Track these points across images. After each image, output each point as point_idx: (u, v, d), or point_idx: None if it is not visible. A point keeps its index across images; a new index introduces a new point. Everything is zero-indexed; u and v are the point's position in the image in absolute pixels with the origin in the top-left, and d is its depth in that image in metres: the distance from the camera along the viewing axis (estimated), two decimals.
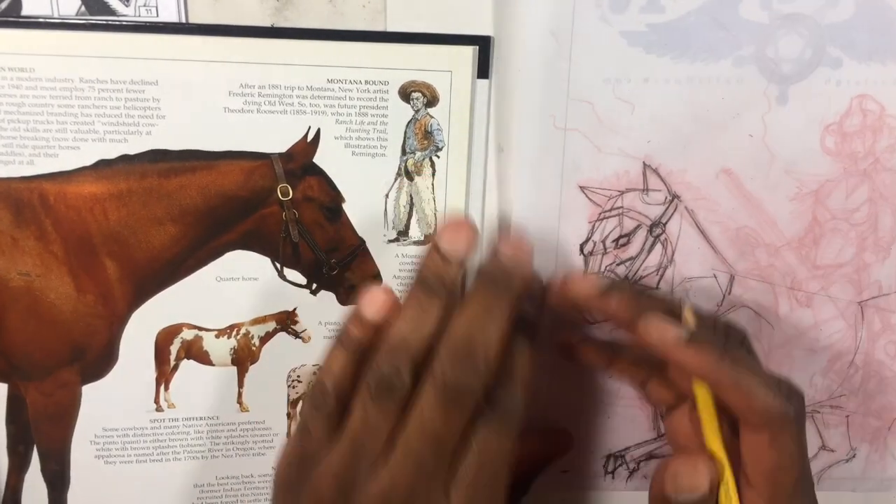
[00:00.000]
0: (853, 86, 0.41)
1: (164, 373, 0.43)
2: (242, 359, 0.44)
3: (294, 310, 0.43)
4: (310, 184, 0.41)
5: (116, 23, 0.38)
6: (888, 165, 0.42)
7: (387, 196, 0.42)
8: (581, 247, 0.43)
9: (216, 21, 0.38)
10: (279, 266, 0.43)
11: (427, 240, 0.43)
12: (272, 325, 0.43)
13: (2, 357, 0.41)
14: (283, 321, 0.43)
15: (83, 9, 0.37)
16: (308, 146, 0.41)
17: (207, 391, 0.44)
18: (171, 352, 0.43)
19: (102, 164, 0.39)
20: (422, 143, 0.41)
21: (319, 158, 0.41)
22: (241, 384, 0.44)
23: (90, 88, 0.38)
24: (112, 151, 0.39)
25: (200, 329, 0.43)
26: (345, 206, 0.42)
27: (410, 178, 0.42)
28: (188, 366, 0.43)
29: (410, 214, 0.43)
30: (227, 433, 0.45)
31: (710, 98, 0.40)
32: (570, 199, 0.42)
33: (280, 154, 0.41)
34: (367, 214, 0.42)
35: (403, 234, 0.43)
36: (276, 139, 0.40)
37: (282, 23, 0.39)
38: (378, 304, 0.33)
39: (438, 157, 0.42)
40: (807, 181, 0.42)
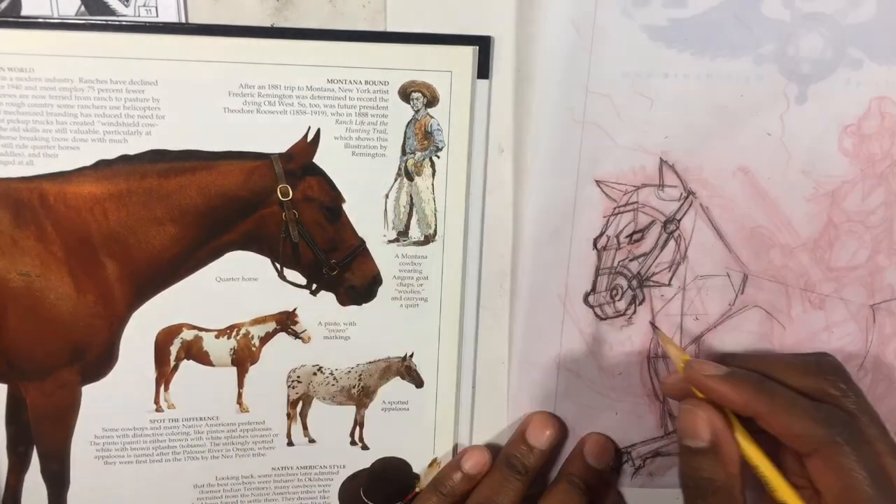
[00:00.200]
0: (873, 87, 0.40)
1: (164, 373, 0.43)
2: (242, 359, 0.44)
3: (294, 310, 0.43)
4: (310, 184, 0.41)
5: (116, 23, 0.38)
6: None
7: (387, 196, 0.42)
8: (595, 241, 0.43)
9: (216, 21, 0.38)
10: (279, 266, 0.43)
11: (427, 240, 0.43)
12: (272, 326, 0.43)
13: (2, 357, 0.41)
14: (283, 321, 0.43)
15: (83, 9, 0.37)
16: (308, 146, 0.41)
17: (207, 391, 0.44)
18: (171, 352, 0.43)
19: (102, 165, 0.39)
20: (422, 144, 0.41)
21: (319, 158, 0.41)
22: (241, 384, 0.44)
23: (90, 88, 0.38)
24: (112, 151, 0.39)
25: (200, 329, 0.43)
26: (345, 207, 0.42)
27: (410, 179, 0.42)
28: (188, 366, 0.43)
29: (410, 214, 0.42)
30: (227, 433, 0.45)
31: (730, 95, 0.40)
32: (586, 193, 0.42)
33: (280, 154, 0.41)
34: (367, 214, 0.42)
35: (403, 235, 0.43)
36: (276, 139, 0.40)
37: (282, 23, 0.39)
38: (474, 461, 0.44)
39: (438, 158, 0.42)
40: (823, 182, 0.42)
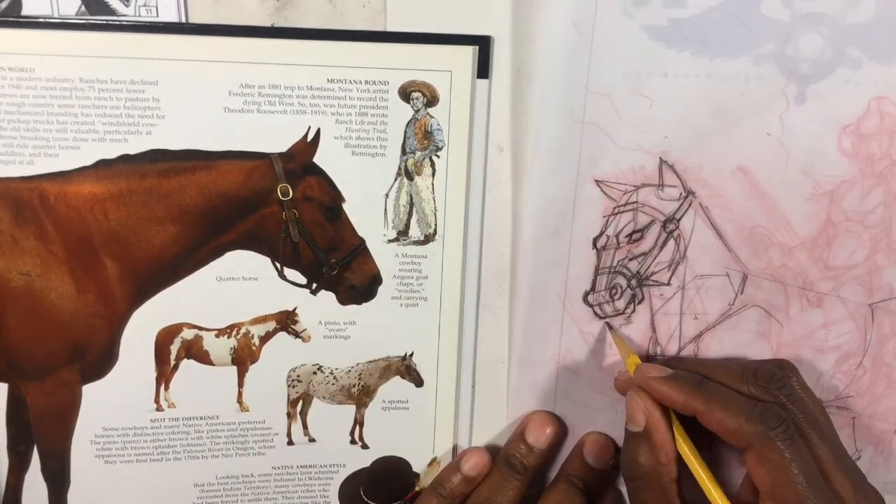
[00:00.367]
0: (872, 87, 0.40)
1: (165, 372, 0.43)
2: (242, 358, 0.44)
3: (294, 309, 0.43)
4: (310, 183, 0.41)
5: (116, 23, 0.38)
6: None
7: (387, 196, 0.42)
8: (594, 240, 0.43)
9: (216, 21, 0.38)
10: (279, 266, 0.43)
11: (427, 239, 0.43)
12: (272, 325, 0.43)
13: (2, 357, 0.41)
14: (283, 321, 0.43)
15: (83, 9, 0.38)
16: (308, 146, 0.41)
17: (207, 391, 0.44)
18: (171, 351, 0.43)
19: (102, 164, 0.39)
20: (422, 143, 0.41)
21: (319, 158, 0.41)
22: (241, 384, 0.44)
23: (90, 88, 0.38)
24: (112, 151, 0.39)
25: (200, 329, 0.43)
26: (345, 206, 0.42)
27: (410, 178, 0.42)
28: (188, 365, 0.43)
29: (410, 214, 0.42)
30: (227, 433, 0.45)
31: (729, 95, 0.40)
32: (586, 193, 0.42)
33: (280, 154, 0.41)
34: (367, 214, 0.42)
35: (403, 234, 0.43)
36: (276, 139, 0.40)
37: (282, 23, 0.39)
38: (473, 462, 0.44)
39: (438, 157, 0.42)
40: (822, 182, 0.42)
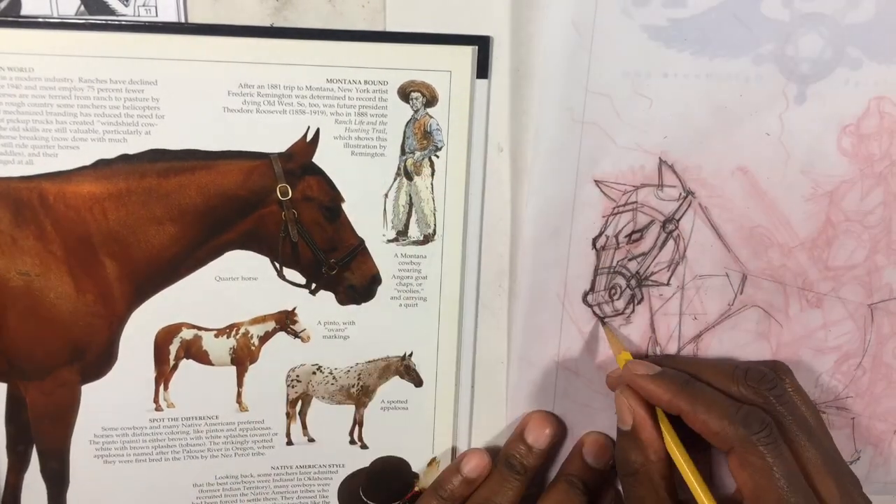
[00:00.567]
0: (872, 87, 0.40)
1: (164, 372, 0.43)
2: (242, 358, 0.44)
3: (293, 309, 0.43)
4: (309, 183, 0.41)
5: (116, 23, 0.38)
6: None
7: (386, 196, 0.42)
8: (594, 240, 0.43)
9: (216, 21, 0.38)
10: (278, 266, 0.43)
11: (426, 239, 0.43)
12: (271, 325, 0.43)
13: (2, 356, 0.41)
14: (283, 321, 0.43)
15: (83, 9, 0.38)
16: (307, 146, 0.41)
17: (207, 391, 0.44)
18: (171, 351, 0.43)
19: (102, 164, 0.39)
20: (421, 143, 0.41)
21: (319, 158, 0.41)
22: (241, 384, 0.44)
23: (89, 88, 0.38)
24: (111, 151, 0.39)
25: (200, 329, 0.43)
26: (344, 206, 0.42)
27: (410, 178, 0.42)
28: (187, 365, 0.43)
29: (410, 214, 0.42)
30: (227, 433, 0.45)
31: (729, 95, 0.40)
32: (585, 193, 0.42)
33: (279, 154, 0.41)
34: (367, 214, 0.42)
35: (403, 234, 0.43)
36: (276, 139, 0.40)
37: (281, 23, 0.39)
38: (474, 464, 0.44)
39: (438, 157, 0.42)
40: (822, 182, 0.42)
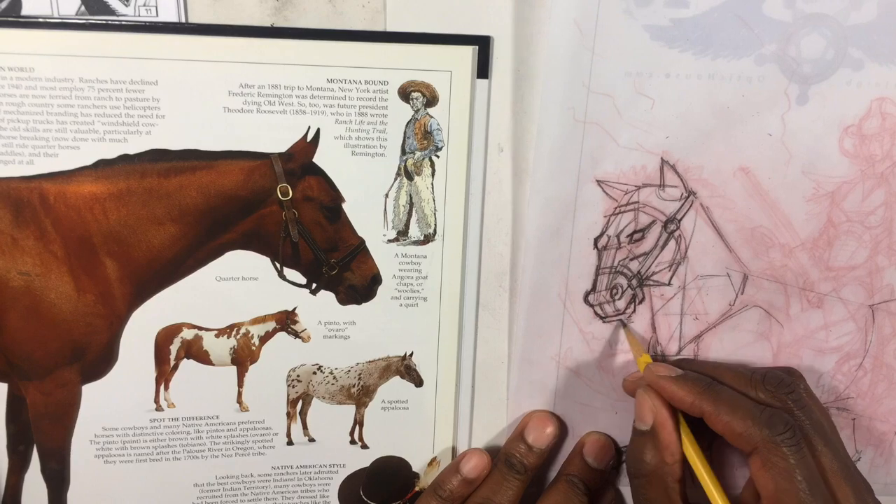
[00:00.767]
0: (874, 88, 0.40)
1: (164, 372, 0.43)
2: (242, 358, 0.44)
3: (294, 309, 0.43)
4: (309, 183, 0.41)
5: (116, 23, 0.38)
6: None
7: (386, 196, 0.42)
8: (595, 240, 0.43)
9: (216, 21, 0.39)
10: (279, 266, 0.43)
11: (426, 239, 0.43)
12: (272, 325, 0.43)
13: (2, 356, 0.41)
14: (283, 321, 0.43)
15: (83, 9, 0.38)
16: (308, 146, 0.41)
17: (207, 391, 0.44)
18: (171, 351, 0.43)
19: (102, 164, 0.39)
20: (421, 143, 0.41)
21: (319, 158, 0.41)
22: (241, 384, 0.44)
23: (90, 88, 0.38)
24: (112, 151, 0.39)
25: (200, 329, 0.43)
26: (344, 206, 0.42)
27: (410, 178, 0.42)
28: (188, 365, 0.43)
29: (410, 214, 0.42)
30: (227, 433, 0.45)
31: (731, 95, 0.40)
32: (587, 193, 0.42)
33: (280, 154, 0.41)
34: (367, 214, 0.42)
35: (403, 234, 0.43)
36: (276, 139, 0.40)
37: (282, 23, 0.39)
38: (473, 464, 0.43)
39: (438, 157, 0.42)
40: (823, 182, 0.42)
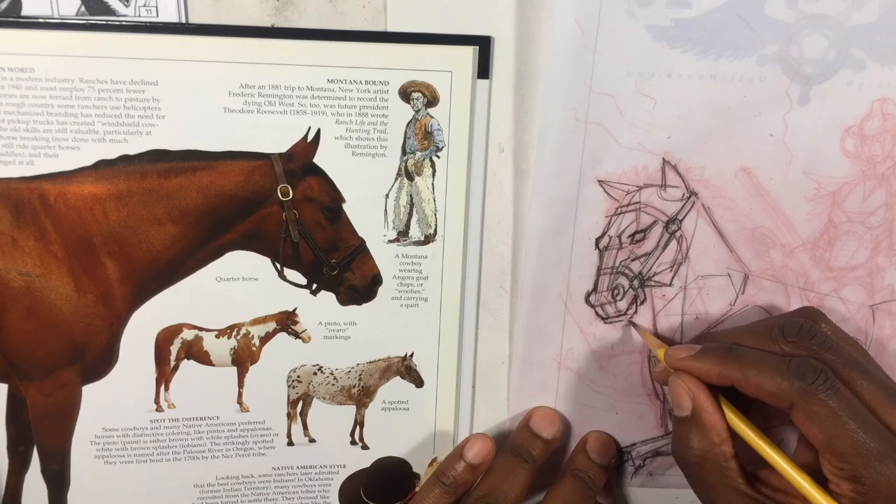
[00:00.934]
0: (875, 89, 0.40)
1: (165, 373, 0.43)
2: (242, 359, 0.44)
3: (294, 310, 0.43)
4: (310, 184, 0.41)
5: (116, 23, 0.38)
6: None
7: (387, 196, 0.42)
8: (597, 241, 0.43)
9: (216, 21, 0.38)
10: (279, 266, 0.43)
11: (427, 240, 0.43)
12: (272, 326, 0.43)
13: (2, 357, 0.41)
14: (283, 321, 0.43)
15: (83, 9, 0.37)
16: (308, 146, 0.41)
17: (207, 391, 0.44)
18: (172, 352, 0.43)
19: (103, 165, 0.39)
20: (422, 144, 0.41)
21: (319, 158, 0.41)
22: (242, 384, 0.44)
23: (90, 88, 0.38)
24: (112, 151, 0.39)
25: (200, 329, 0.43)
26: (345, 207, 0.42)
27: (410, 178, 0.42)
28: (188, 366, 0.43)
29: (410, 214, 0.42)
30: (227, 433, 0.45)
31: (733, 96, 0.40)
32: (588, 193, 0.42)
33: (280, 154, 0.41)
34: (368, 214, 0.42)
35: (404, 235, 0.43)
36: (276, 139, 0.40)
37: (282, 23, 0.39)
38: (477, 449, 0.43)
39: (438, 157, 0.42)
40: (825, 183, 0.42)
